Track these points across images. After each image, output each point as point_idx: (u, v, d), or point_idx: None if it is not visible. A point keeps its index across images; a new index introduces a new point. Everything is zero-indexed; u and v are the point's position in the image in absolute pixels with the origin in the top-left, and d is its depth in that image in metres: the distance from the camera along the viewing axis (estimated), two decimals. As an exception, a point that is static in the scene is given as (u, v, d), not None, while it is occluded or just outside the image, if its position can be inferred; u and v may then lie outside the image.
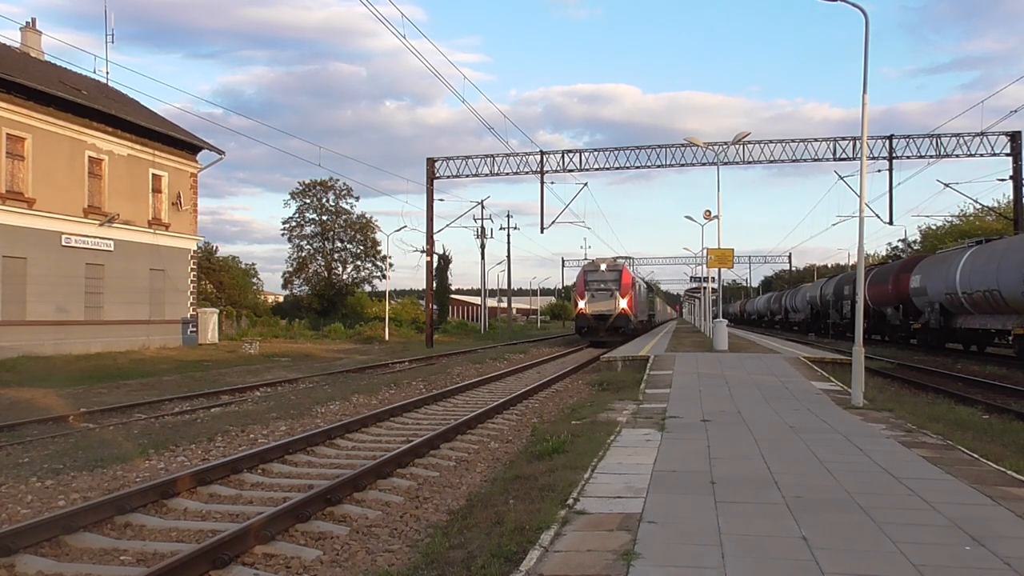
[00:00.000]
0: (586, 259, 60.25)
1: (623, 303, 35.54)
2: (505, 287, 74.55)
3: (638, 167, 38.12)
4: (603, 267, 36.79)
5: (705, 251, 31.75)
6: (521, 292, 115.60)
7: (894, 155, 35.65)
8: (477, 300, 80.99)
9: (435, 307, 49.52)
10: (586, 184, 48.80)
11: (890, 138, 35.78)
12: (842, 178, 38.03)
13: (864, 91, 12.37)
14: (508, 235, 67.26)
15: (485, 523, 6.07)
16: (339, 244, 69.57)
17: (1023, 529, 5.28)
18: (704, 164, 37.19)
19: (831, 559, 4.58)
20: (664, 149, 37.40)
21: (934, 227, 60.71)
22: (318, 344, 40.52)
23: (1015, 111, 30.14)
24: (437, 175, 39.24)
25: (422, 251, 43.68)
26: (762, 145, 36.54)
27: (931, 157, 35.45)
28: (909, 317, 33.59)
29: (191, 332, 33.47)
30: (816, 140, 36.33)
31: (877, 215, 36.07)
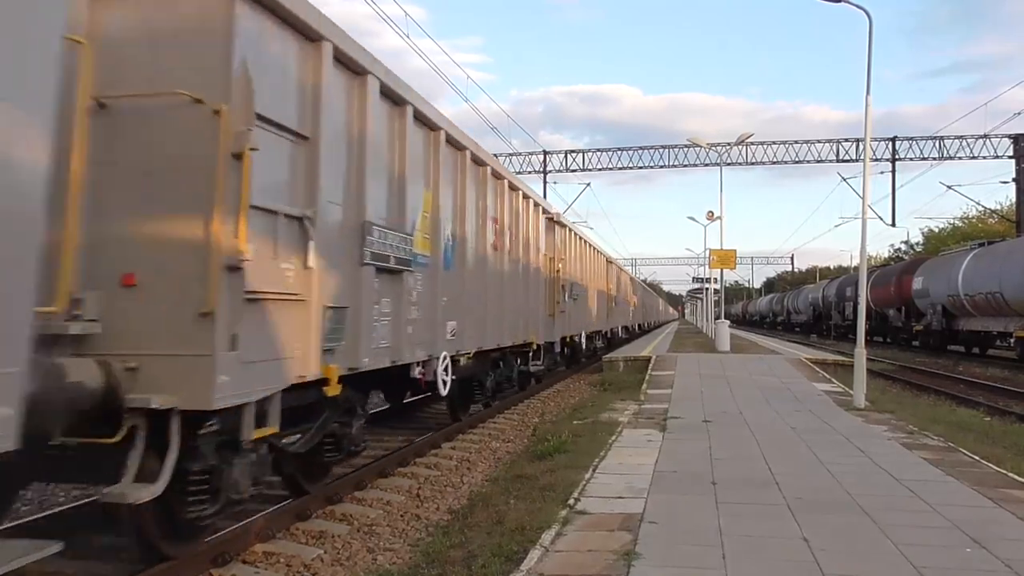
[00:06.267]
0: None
1: None
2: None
3: (641, 167, 38.11)
4: None
5: (707, 252, 31.73)
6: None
7: (897, 157, 35.66)
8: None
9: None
10: (589, 184, 48.46)
11: (893, 140, 35.78)
12: (845, 179, 38.01)
13: (867, 92, 12.34)
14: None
15: (486, 522, 6.07)
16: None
17: (1024, 531, 5.27)
18: (707, 165, 37.21)
19: (832, 560, 4.59)
20: (667, 149, 37.43)
21: (936, 229, 60.76)
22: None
23: (1018, 113, 30.21)
24: (439, 174, 39.10)
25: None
26: (765, 146, 36.59)
27: (934, 159, 35.50)
28: (911, 319, 33.58)
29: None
30: (819, 141, 36.39)
31: (880, 217, 36.13)
